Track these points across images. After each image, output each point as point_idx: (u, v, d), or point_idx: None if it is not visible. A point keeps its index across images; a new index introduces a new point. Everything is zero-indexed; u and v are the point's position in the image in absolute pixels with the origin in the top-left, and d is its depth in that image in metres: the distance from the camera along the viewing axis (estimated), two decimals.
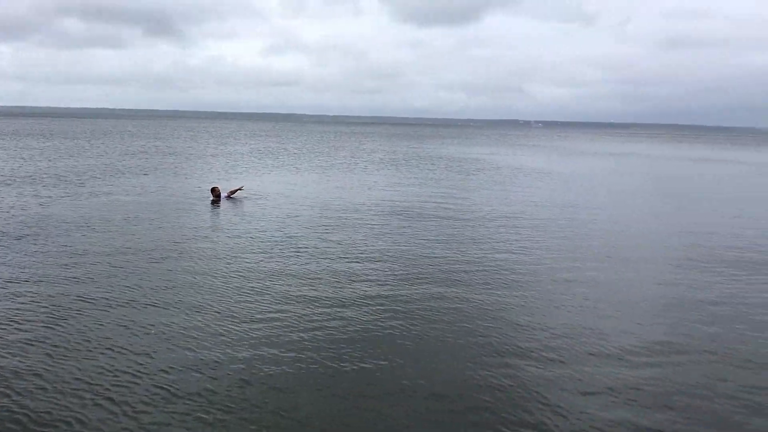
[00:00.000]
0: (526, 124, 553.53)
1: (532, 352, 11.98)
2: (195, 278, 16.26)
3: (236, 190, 30.54)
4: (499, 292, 15.79)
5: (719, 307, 15.08)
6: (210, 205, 28.43)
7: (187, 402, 9.62)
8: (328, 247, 20.36)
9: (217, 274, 16.75)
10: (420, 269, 17.84)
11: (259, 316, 13.44)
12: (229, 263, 17.93)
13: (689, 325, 13.74)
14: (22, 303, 13.85)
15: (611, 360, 11.72)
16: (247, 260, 18.35)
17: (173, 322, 12.90)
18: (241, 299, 14.62)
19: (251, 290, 15.35)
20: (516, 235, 23.30)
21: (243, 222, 24.47)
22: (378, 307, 14.29)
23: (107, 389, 9.95)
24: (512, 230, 24.37)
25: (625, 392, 10.40)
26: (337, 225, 24.46)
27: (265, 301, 14.52)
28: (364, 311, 13.99)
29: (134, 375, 10.47)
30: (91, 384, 10.11)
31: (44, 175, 38.58)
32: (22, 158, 51.23)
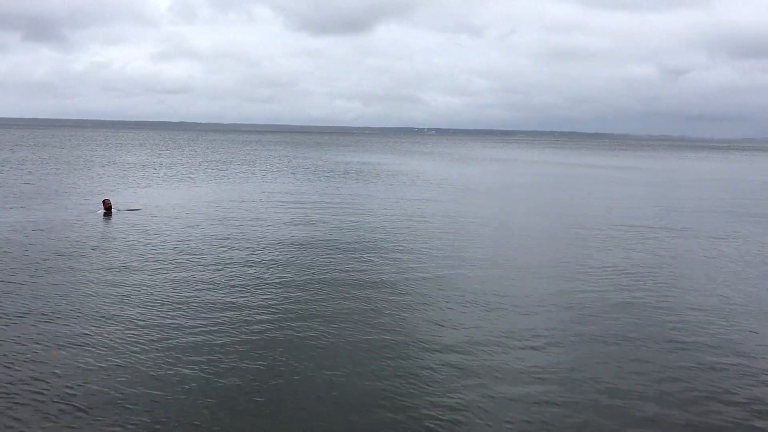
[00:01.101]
0: (420, 132, 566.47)
1: (436, 345, 12.96)
2: (89, 289, 16.17)
3: (135, 210, 29.59)
4: (394, 293, 16.75)
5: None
6: (102, 217, 27.78)
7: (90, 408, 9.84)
8: (225, 256, 20.65)
9: (109, 284, 16.71)
10: (317, 274, 18.53)
11: (153, 322, 13.67)
12: (121, 274, 17.88)
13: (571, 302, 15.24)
14: None
15: (509, 347, 12.87)
16: (139, 271, 18.34)
17: (66, 332, 12.91)
18: (136, 307, 14.75)
19: (146, 299, 15.50)
20: (411, 240, 24.46)
21: (136, 233, 24.15)
22: (276, 311, 14.87)
23: (13, 402, 9.98)
24: (408, 235, 25.55)
25: (527, 375, 11.53)
26: (235, 234, 24.70)
27: (160, 309, 14.72)
28: (261, 314, 14.54)
29: (36, 384, 10.53)
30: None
31: None
32: None
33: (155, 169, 59.87)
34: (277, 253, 21.35)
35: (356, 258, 20.79)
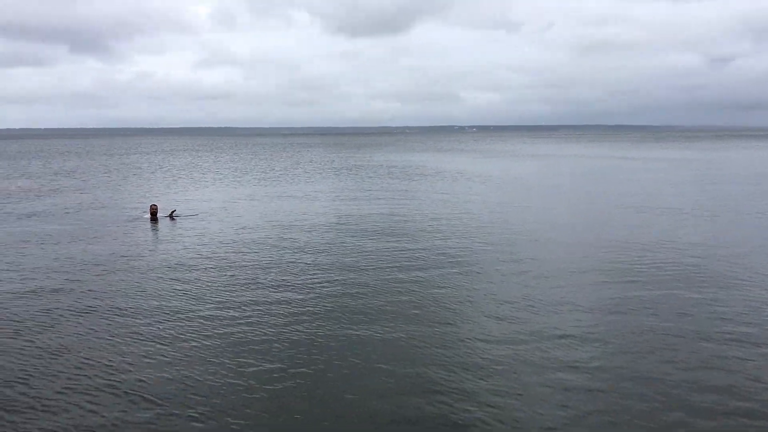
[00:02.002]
0: (460, 130, 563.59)
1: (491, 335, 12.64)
2: (142, 290, 16.32)
3: (172, 213, 29.79)
4: (446, 288, 16.46)
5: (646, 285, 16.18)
6: (149, 222, 28.11)
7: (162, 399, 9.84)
8: (274, 256, 20.63)
9: (160, 286, 16.84)
10: (367, 271, 18.35)
11: (206, 316, 13.66)
12: (174, 273, 18.05)
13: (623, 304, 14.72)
14: None
15: (560, 339, 12.47)
16: (191, 270, 18.53)
17: (130, 326, 13.00)
18: (189, 303, 14.78)
19: (198, 296, 15.53)
20: (460, 236, 24.10)
21: (185, 237, 24.40)
22: (328, 306, 14.73)
23: (86, 393, 10.04)
24: (458, 232, 25.18)
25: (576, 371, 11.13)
26: (283, 235, 24.72)
27: (210, 305, 14.73)
28: (314, 309, 14.42)
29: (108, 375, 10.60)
30: (71, 390, 10.17)
31: None
32: None
33: (202, 173, 60.73)
34: (325, 252, 21.22)
35: (405, 256, 20.51)
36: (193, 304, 15.32)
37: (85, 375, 11.18)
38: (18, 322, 14.00)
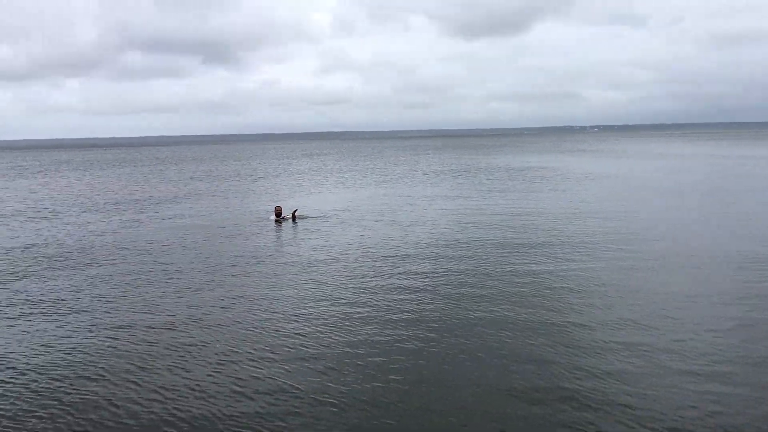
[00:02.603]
0: (581, 130, 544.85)
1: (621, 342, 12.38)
2: (276, 287, 17.31)
3: (294, 213, 30.90)
4: (575, 292, 16.23)
5: None
6: (274, 223, 29.45)
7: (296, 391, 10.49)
8: (398, 256, 21.10)
9: (291, 284, 17.76)
10: (493, 275, 18.40)
11: (332, 316, 14.28)
12: (300, 273, 18.96)
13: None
14: (151, 311, 15.09)
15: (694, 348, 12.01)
16: (315, 270, 19.36)
17: (271, 319, 13.88)
18: (312, 302, 15.51)
19: (323, 295, 16.25)
20: (588, 240, 23.54)
21: (308, 238, 25.46)
22: (454, 307, 14.96)
23: (234, 378, 10.91)
24: (584, 235, 24.61)
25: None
26: (405, 236, 25.20)
27: (337, 305, 15.36)
28: (439, 311, 14.70)
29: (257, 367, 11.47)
30: (220, 374, 11.10)
31: (125, 201, 40.89)
32: (106, 186, 54.13)
33: (325, 175, 62.83)
34: (448, 253, 21.44)
35: (530, 257, 20.37)
36: (324, 303, 16.06)
37: (232, 362, 12.14)
38: (171, 315, 15.30)
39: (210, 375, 11.53)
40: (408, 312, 14.96)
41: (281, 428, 9.58)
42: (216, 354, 12.58)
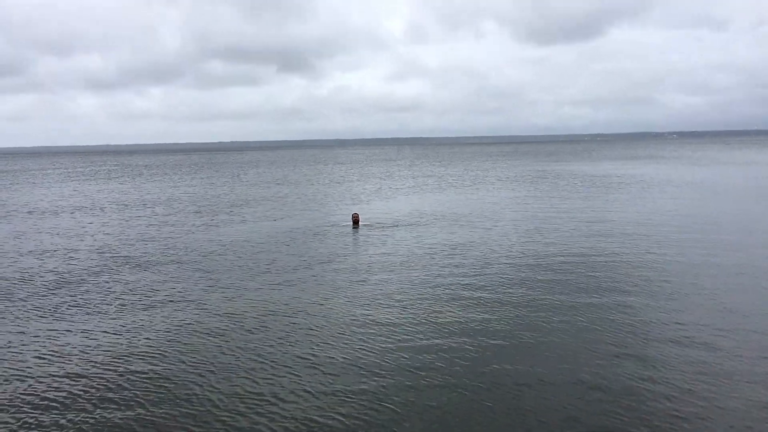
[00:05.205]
0: (659, 136, 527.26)
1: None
2: (352, 292, 17.81)
3: (356, 218, 31.21)
4: (650, 300, 16.00)
5: None
6: (351, 229, 29.96)
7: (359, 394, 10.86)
8: (474, 263, 21.25)
9: (360, 285, 18.29)
10: (563, 282, 18.36)
11: (397, 322, 14.59)
12: (369, 276, 19.44)
13: None
14: (233, 309, 15.95)
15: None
16: (385, 275, 19.75)
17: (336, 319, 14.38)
18: (378, 309, 15.87)
19: (390, 300, 16.59)
20: (679, 248, 23.03)
21: (382, 243, 25.78)
22: (516, 313, 15.04)
23: (322, 362, 11.43)
24: (672, 243, 24.09)
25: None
26: (483, 241, 25.27)
27: (403, 310, 15.64)
28: (503, 316, 14.82)
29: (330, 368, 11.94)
30: (311, 355, 11.63)
31: (204, 204, 42.66)
32: (189, 189, 56.47)
33: (399, 181, 63.29)
34: (515, 260, 21.43)
35: (601, 265, 20.20)
36: (398, 309, 16.39)
37: (318, 347, 13.05)
38: (268, 308, 16.20)
39: (300, 357, 11.98)
40: (481, 319, 15.10)
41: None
42: (312, 341, 13.10)
